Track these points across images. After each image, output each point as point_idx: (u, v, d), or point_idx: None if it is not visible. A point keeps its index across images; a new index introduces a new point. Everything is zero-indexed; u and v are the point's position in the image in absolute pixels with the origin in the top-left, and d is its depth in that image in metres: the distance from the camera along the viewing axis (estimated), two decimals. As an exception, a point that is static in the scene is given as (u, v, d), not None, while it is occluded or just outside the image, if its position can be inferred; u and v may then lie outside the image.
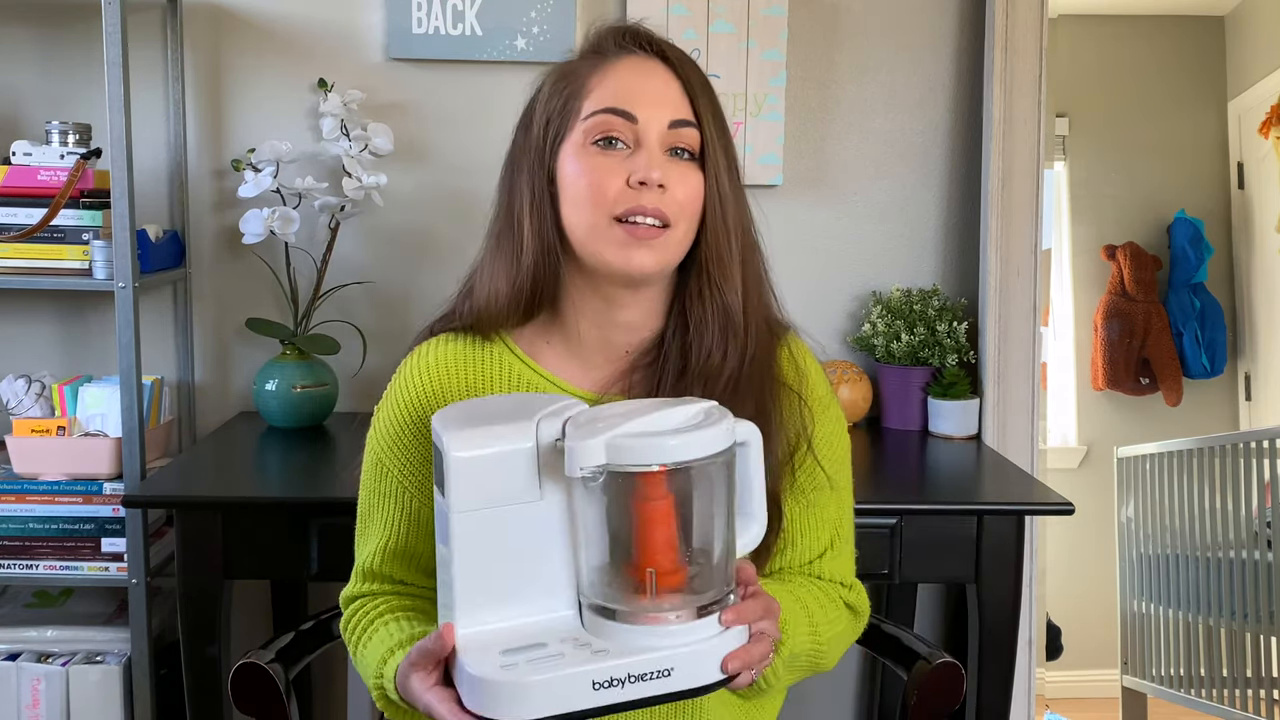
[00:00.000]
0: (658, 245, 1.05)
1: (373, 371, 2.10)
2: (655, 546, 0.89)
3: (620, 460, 0.88)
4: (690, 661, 0.89)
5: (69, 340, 2.13)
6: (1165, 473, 3.28)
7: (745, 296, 1.10)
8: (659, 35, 1.11)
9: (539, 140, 1.10)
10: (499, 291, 1.11)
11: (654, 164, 1.04)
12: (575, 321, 1.12)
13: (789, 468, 1.13)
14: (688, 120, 1.07)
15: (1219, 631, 3.04)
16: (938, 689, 1.29)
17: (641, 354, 1.14)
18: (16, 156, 1.85)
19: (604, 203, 1.05)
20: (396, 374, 1.18)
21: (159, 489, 1.70)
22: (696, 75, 1.10)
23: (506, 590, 0.94)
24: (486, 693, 0.89)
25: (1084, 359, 3.81)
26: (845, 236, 2.17)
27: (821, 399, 1.18)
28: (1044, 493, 1.69)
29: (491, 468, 0.93)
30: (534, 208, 1.09)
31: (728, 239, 1.09)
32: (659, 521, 0.89)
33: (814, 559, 1.16)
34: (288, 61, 2.08)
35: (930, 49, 2.14)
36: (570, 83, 1.10)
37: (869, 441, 2.02)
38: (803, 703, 2.24)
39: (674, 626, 0.90)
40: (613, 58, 1.09)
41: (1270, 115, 3.50)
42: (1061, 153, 3.75)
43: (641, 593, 0.90)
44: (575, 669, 0.88)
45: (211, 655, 1.61)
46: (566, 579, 0.94)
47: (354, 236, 2.10)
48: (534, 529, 0.94)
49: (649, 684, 0.88)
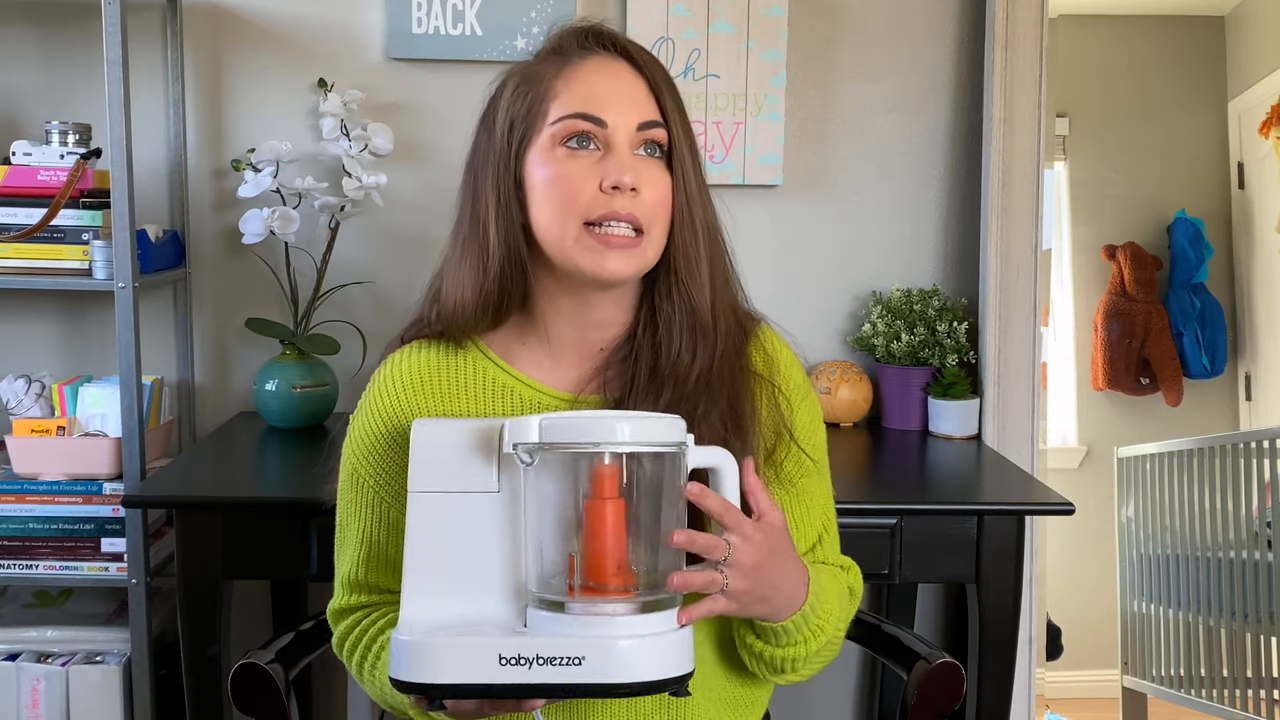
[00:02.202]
0: (634, 253, 1.05)
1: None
2: (595, 542, 0.89)
3: (552, 438, 0.89)
4: (602, 654, 0.87)
5: (69, 340, 2.13)
6: (1165, 473, 3.28)
7: (713, 293, 1.10)
8: (621, 35, 1.11)
9: (503, 143, 1.09)
10: (465, 298, 1.10)
11: (625, 167, 1.04)
12: (548, 322, 1.12)
13: (773, 460, 1.12)
14: (655, 121, 1.07)
15: (1219, 631, 3.04)
16: (938, 689, 1.29)
17: (614, 350, 1.13)
18: (16, 156, 1.85)
19: (576, 208, 1.04)
20: (370, 384, 1.18)
21: (159, 489, 1.70)
22: (661, 73, 1.09)
23: (456, 578, 0.94)
24: (400, 655, 0.90)
25: (1084, 359, 3.81)
26: (845, 236, 2.17)
27: (798, 386, 1.17)
28: (1044, 493, 1.69)
29: (451, 450, 0.94)
30: (500, 212, 1.08)
31: (695, 238, 1.08)
32: (599, 516, 0.89)
33: (813, 545, 1.16)
34: (288, 61, 2.08)
35: (930, 49, 2.14)
36: (534, 85, 1.08)
37: (869, 441, 2.02)
38: (803, 703, 2.24)
39: (600, 618, 0.88)
40: (576, 59, 1.08)
41: (1270, 115, 3.50)
42: (1061, 153, 3.75)
43: (585, 589, 0.89)
44: (484, 640, 0.88)
45: (211, 655, 1.61)
46: (518, 575, 0.94)
47: (354, 236, 2.10)
48: (489, 521, 0.94)
49: (558, 669, 0.87)
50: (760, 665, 1.10)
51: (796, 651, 1.07)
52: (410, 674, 0.89)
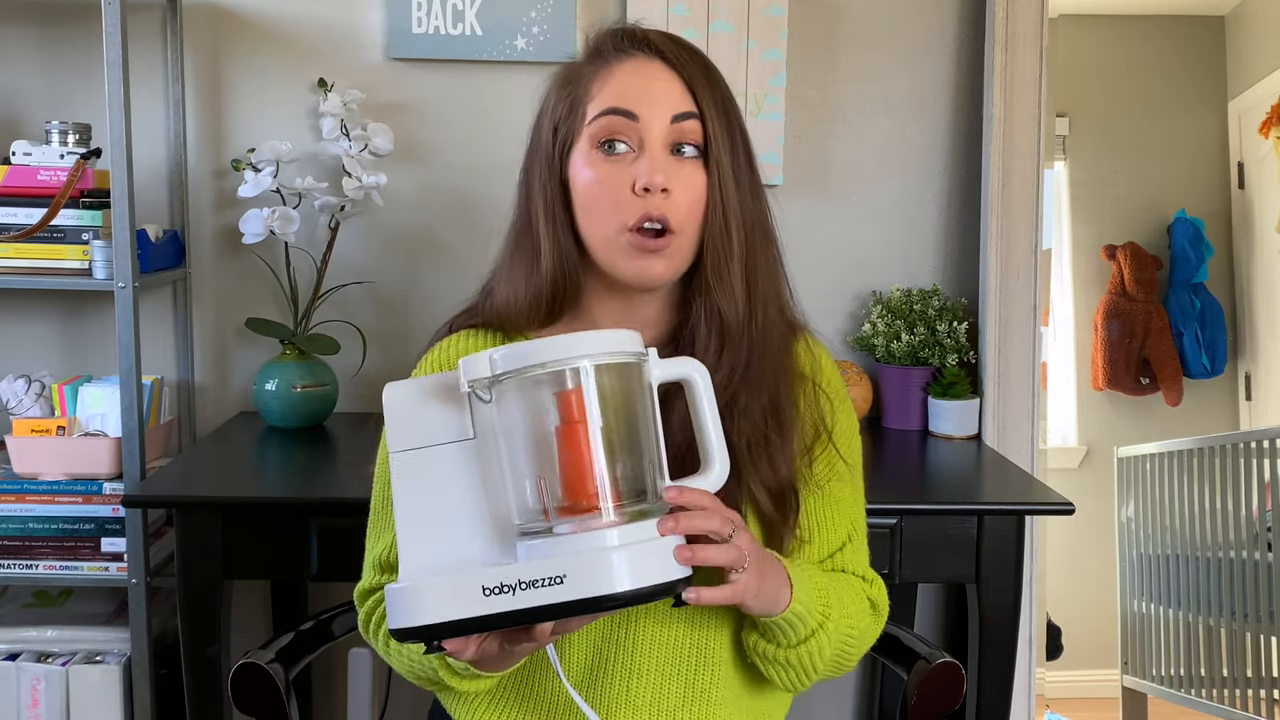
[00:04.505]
0: (667, 254, 1.06)
1: (373, 371, 2.10)
2: (571, 465, 0.89)
3: (503, 368, 0.89)
4: (583, 568, 0.87)
5: (69, 340, 2.13)
6: (1165, 473, 3.28)
7: (749, 292, 1.10)
8: (658, 34, 1.11)
9: (548, 145, 1.11)
10: (518, 295, 1.12)
11: (656, 168, 1.05)
12: (597, 320, 1.14)
13: (807, 459, 1.13)
14: (690, 112, 1.07)
15: (1219, 631, 3.04)
16: (938, 689, 1.29)
17: (661, 348, 1.14)
18: (16, 156, 1.85)
19: (613, 213, 1.06)
20: (416, 369, 1.19)
21: (159, 489, 1.70)
22: (698, 70, 1.09)
23: (446, 529, 0.94)
24: (392, 605, 0.91)
25: (1084, 359, 3.81)
26: (845, 236, 2.17)
27: (838, 390, 1.19)
28: (1044, 493, 1.69)
29: (422, 407, 0.95)
30: (549, 213, 1.10)
31: (727, 240, 1.08)
32: (570, 439, 0.89)
33: (834, 552, 1.16)
34: (288, 61, 2.08)
35: (930, 49, 2.14)
36: (574, 87, 1.11)
37: (869, 441, 2.02)
38: (803, 703, 2.23)
39: (583, 535, 0.88)
40: (613, 60, 1.10)
41: (1270, 115, 3.50)
42: (1061, 153, 3.75)
43: (565, 510, 0.89)
44: (466, 574, 0.89)
45: (211, 655, 1.61)
46: (504, 515, 0.94)
47: (354, 236, 2.10)
48: (469, 467, 0.94)
49: (542, 591, 0.86)
50: (773, 669, 1.10)
51: (805, 649, 1.07)
52: (402, 620, 0.90)
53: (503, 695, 1.12)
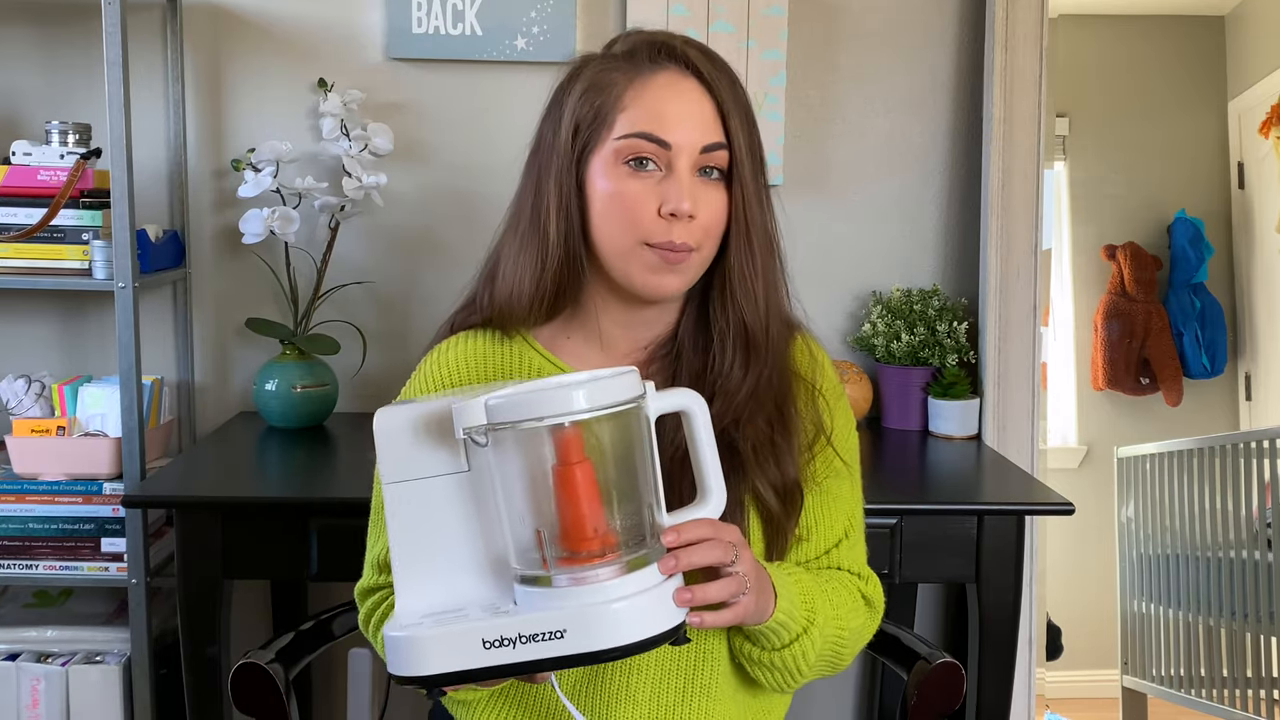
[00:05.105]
0: (683, 268, 1.07)
1: (373, 371, 2.10)
2: (569, 509, 0.88)
3: (499, 418, 0.88)
4: (583, 624, 0.86)
5: (69, 340, 2.13)
6: (1165, 473, 3.28)
7: (767, 306, 1.11)
8: (695, 48, 1.09)
9: (567, 145, 1.09)
10: (522, 288, 1.11)
11: (685, 194, 1.05)
12: (598, 320, 1.14)
13: (807, 458, 1.13)
14: (719, 143, 1.07)
15: (1219, 631, 3.04)
16: (938, 689, 1.29)
17: (659, 347, 1.16)
18: (16, 156, 1.85)
19: (635, 229, 1.06)
20: (416, 370, 1.19)
21: (159, 489, 1.70)
22: (729, 91, 1.09)
23: (441, 563, 0.93)
24: (391, 651, 0.90)
25: (1084, 359, 3.81)
26: (845, 236, 2.17)
27: (835, 389, 1.19)
28: (1044, 493, 1.69)
29: (415, 436, 0.93)
30: (560, 212, 1.09)
31: (751, 257, 1.09)
32: (568, 483, 0.88)
33: (830, 549, 1.16)
34: (288, 61, 2.08)
35: (930, 49, 2.14)
36: (603, 93, 1.08)
37: (869, 441, 2.02)
38: (803, 702, 2.23)
39: (584, 587, 0.87)
40: (647, 71, 1.08)
41: (1270, 115, 3.50)
42: (1061, 153, 3.75)
43: (564, 560, 0.88)
44: (467, 626, 0.88)
45: (211, 655, 1.61)
46: (501, 552, 0.93)
47: (354, 236, 2.10)
48: (464, 501, 0.94)
49: (543, 645, 0.86)
50: (758, 670, 1.11)
51: (789, 653, 1.08)
52: (402, 669, 0.89)
53: (503, 696, 1.13)
